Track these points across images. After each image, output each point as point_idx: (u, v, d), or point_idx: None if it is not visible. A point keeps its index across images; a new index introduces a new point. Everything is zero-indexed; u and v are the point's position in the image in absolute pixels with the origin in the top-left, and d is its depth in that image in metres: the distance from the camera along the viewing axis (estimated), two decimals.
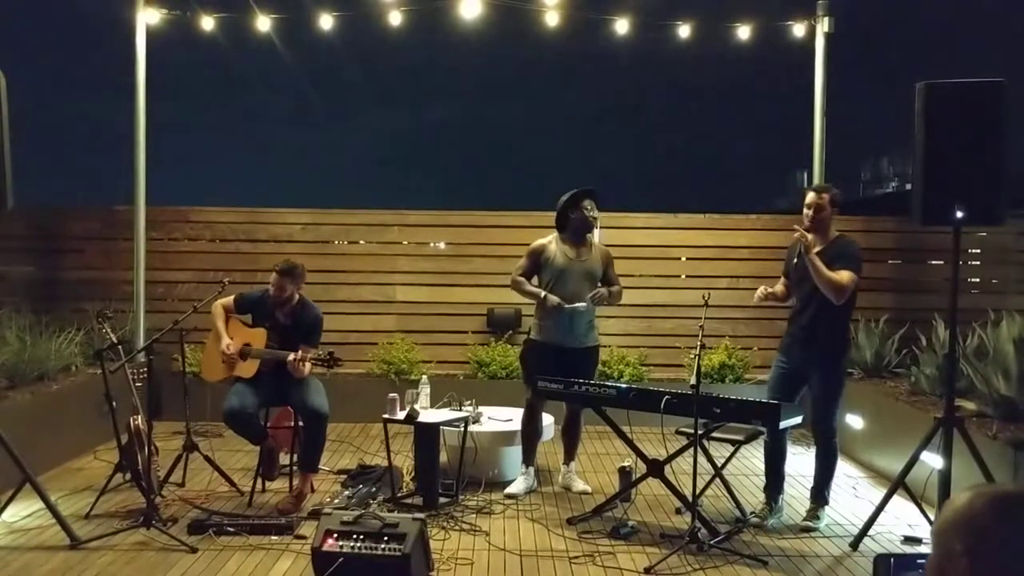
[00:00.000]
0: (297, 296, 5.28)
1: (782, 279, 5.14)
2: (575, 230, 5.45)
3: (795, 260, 4.83)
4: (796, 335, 4.91)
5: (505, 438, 5.69)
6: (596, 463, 6.29)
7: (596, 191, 5.52)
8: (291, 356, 5.01)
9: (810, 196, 4.86)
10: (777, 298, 5.09)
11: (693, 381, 4.39)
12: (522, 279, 5.50)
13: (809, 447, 5.20)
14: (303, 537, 4.50)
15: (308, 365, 5.08)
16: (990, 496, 1.36)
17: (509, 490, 5.44)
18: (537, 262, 5.48)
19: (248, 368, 5.20)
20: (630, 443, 5.05)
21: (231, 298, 5.37)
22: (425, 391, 5.57)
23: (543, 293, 5.37)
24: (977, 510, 1.35)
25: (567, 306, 5.30)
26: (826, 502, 4.98)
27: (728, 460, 5.15)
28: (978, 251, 8.20)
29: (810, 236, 4.73)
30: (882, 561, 2.03)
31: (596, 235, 5.70)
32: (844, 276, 4.68)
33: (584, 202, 5.42)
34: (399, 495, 5.24)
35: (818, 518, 4.90)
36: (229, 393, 5.12)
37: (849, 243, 4.86)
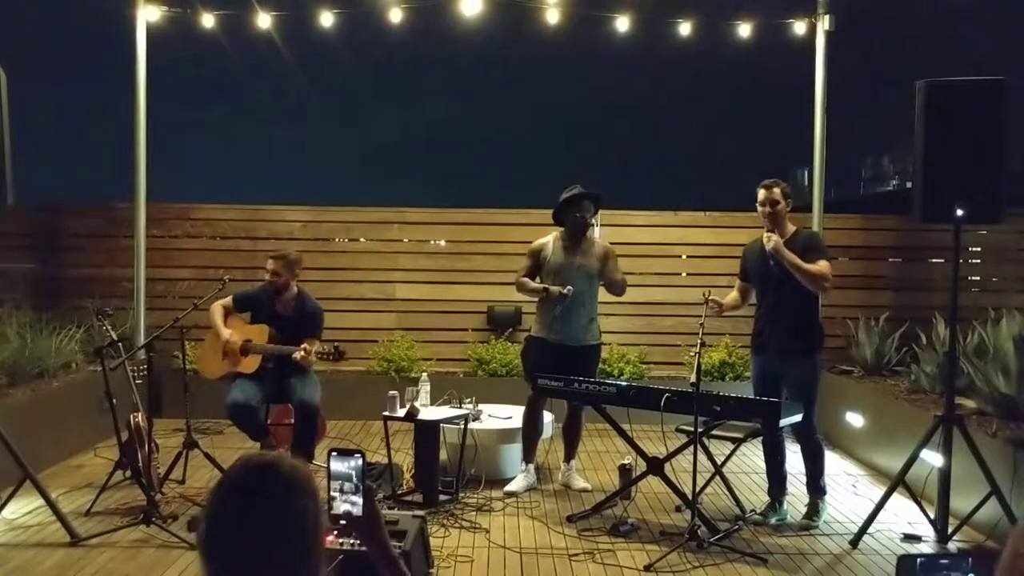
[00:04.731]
0: (295, 288, 5.35)
1: (737, 284, 5.08)
2: (571, 229, 5.46)
3: (771, 262, 4.74)
4: (764, 333, 4.86)
5: (505, 436, 5.70)
6: (596, 461, 6.29)
7: (599, 196, 5.54)
8: (296, 354, 5.04)
9: (761, 193, 4.79)
10: (728, 307, 4.98)
11: (693, 379, 4.40)
12: (525, 279, 5.50)
13: None
14: None
15: (313, 356, 5.13)
16: None
17: (509, 488, 5.44)
18: (537, 261, 5.50)
19: (250, 364, 5.23)
20: (630, 441, 5.05)
21: (229, 299, 5.42)
22: (425, 389, 5.57)
23: (543, 286, 5.38)
24: None
25: (552, 288, 5.28)
26: (824, 492, 4.97)
27: (728, 458, 5.15)
28: (978, 249, 8.19)
29: (775, 237, 4.70)
30: (907, 562, 1.87)
31: (596, 233, 5.70)
32: (824, 266, 4.71)
33: (585, 204, 5.43)
34: (399, 492, 5.24)
35: (818, 513, 4.90)
36: (232, 387, 5.15)
37: (812, 234, 5.04)
